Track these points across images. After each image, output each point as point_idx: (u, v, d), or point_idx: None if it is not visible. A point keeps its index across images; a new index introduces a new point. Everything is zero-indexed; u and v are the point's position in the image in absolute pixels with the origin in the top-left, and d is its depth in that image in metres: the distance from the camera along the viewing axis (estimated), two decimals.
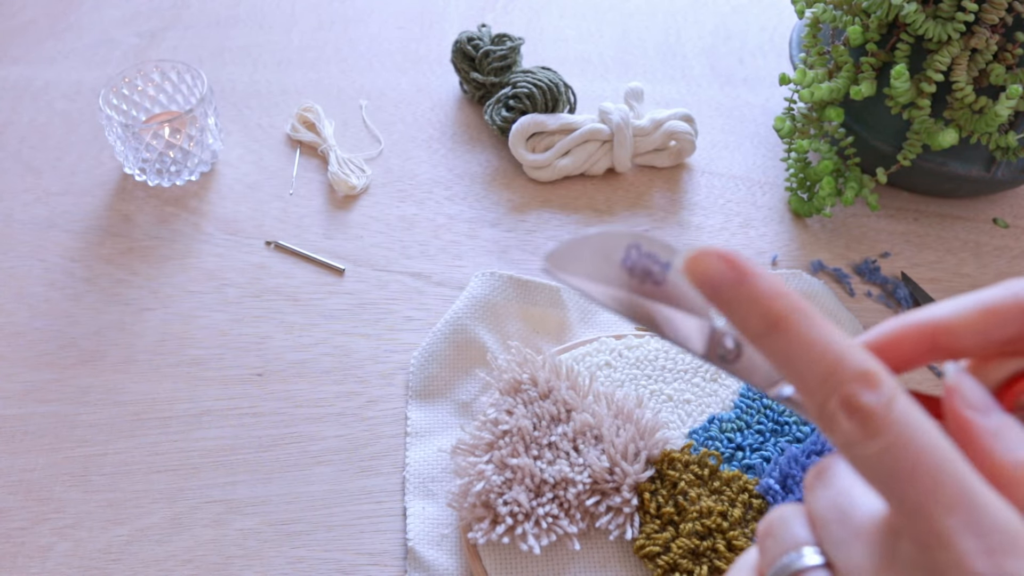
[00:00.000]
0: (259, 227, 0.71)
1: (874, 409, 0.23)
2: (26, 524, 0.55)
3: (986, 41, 0.60)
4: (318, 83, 0.83)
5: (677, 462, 0.53)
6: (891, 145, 0.67)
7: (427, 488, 0.56)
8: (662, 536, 0.50)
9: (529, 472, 0.51)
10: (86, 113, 0.80)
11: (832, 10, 0.65)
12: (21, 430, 0.59)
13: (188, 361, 0.63)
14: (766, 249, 0.70)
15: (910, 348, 0.28)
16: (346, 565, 0.54)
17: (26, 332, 0.64)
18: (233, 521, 0.55)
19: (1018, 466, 0.24)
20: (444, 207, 0.73)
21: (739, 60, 0.87)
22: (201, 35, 0.88)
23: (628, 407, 0.54)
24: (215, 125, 0.74)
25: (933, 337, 0.27)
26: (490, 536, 0.50)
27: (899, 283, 0.67)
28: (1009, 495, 0.24)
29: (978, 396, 0.26)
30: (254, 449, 0.58)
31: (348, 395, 0.61)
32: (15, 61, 0.86)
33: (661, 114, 0.74)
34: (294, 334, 0.64)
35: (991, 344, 0.27)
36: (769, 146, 0.78)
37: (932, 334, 0.27)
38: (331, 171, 0.74)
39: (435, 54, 0.87)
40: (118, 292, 0.67)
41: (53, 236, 0.70)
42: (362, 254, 0.69)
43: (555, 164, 0.73)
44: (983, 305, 0.27)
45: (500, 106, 0.75)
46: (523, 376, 0.55)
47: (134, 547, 0.54)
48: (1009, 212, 0.73)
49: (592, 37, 0.89)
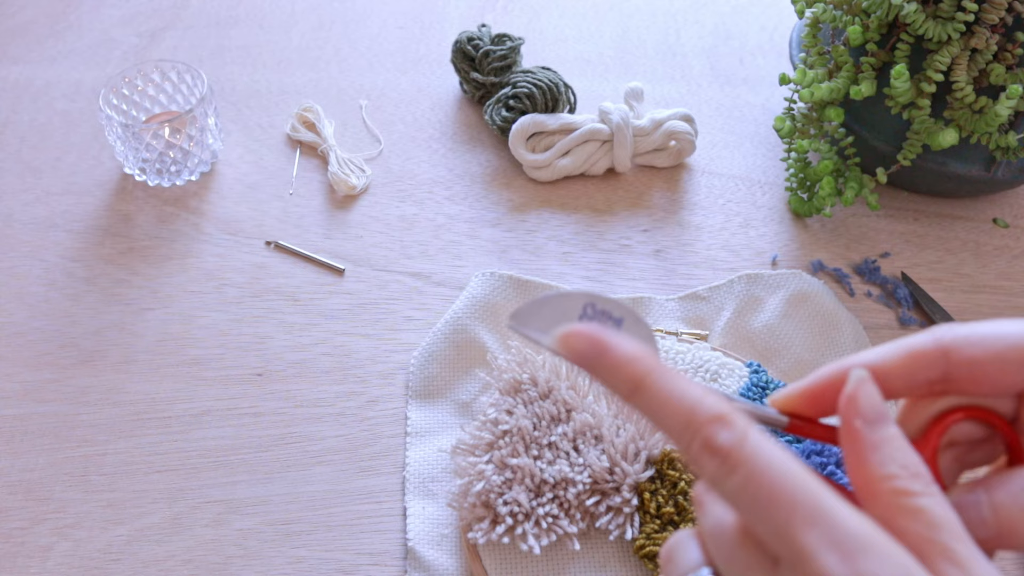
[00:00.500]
0: (259, 227, 0.71)
1: (729, 446, 0.25)
2: (26, 524, 0.55)
3: (986, 41, 0.60)
4: (318, 83, 0.83)
5: (677, 462, 0.53)
6: (891, 145, 0.67)
7: (427, 488, 0.56)
8: (662, 536, 0.50)
9: (529, 472, 0.51)
10: (86, 113, 0.80)
11: (832, 10, 0.65)
12: (21, 430, 0.59)
13: (188, 361, 0.63)
14: (766, 249, 0.70)
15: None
16: (346, 565, 0.54)
17: (26, 332, 0.64)
18: (233, 521, 0.55)
19: (883, 479, 0.26)
20: (444, 207, 0.73)
21: (739, 60, 0.87)
22: (201, 35, 0.88)
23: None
24: (215, 125, 0.74)
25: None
26: (490, 536, 0.50)
27: (899, 283, 0.67)
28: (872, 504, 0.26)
29: (870, 408, 0.28)
30: (254, 449, 0.58)
31: (348, 395, 0.61)
32: (15, 61, 0.86)
33: (661, 114, 0.74)
34: (294, 334, 0.64)
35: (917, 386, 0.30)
36: (769, 146, 0.78)
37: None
38: (331, 171, 0.74)
39: (435, 54, 0.87)
40: (118, 292, 0.67)
41: (53, 236, 0.70)
42: (362, 254, 0.69)
43: (555, 164, 0.73)
44: (908, 350, 0.30)
45: (500, 106, 0.75)
46: (523, 376, 0.55)
47: (134, 547, 0.54)
48: (1009, 212, 0.73)
49: (592, 37, 0.89)
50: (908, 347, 0.30)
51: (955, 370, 0.29)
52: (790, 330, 0.63)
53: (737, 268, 0.68)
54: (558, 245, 0.70)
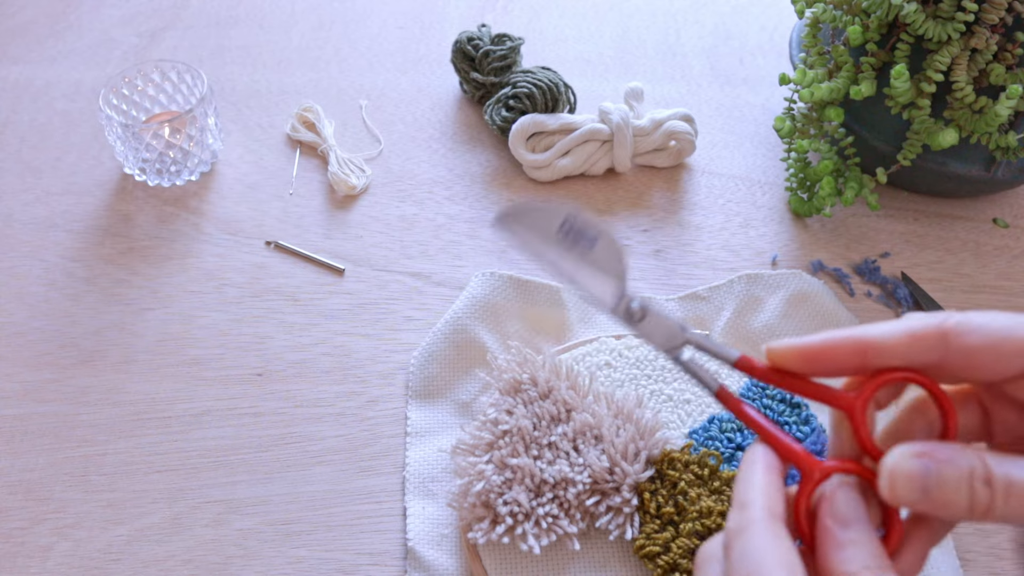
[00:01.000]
0: (259, 227, 0.71)
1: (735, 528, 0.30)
2: (26, 524, 0.55)
3: (986, 41, 0.60)
4: (318, 83, 0.83)
5: (677, 462, 0.53)
6: (891, 145, 0.67)
7: (427, 488, 0.56)
8: (662, 536, 0.50)
9: (529, 472, 0.51)
10: (86, 113, 0.80)
11: (832, 10, 0.65)
12: (21, 430, 0.59)
13: (188, 361, 0.63)
14: (766, 249, 0.70)
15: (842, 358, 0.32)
16: (346, 565, 0.54)
17: (26, 332, 0.64)
18: (233, 521, 0.55)
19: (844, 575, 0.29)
20: (444, 207, 0.73)
21: (739, 60, 0.87)
22: (201, 35, 0.88)
23: (628, 407, 0.54)
24: (215, 125, 0.74)
25: (863, 352, 0.31)
26: (490, 536, 0.50)
27: (899, 283, 0.67)
28: None
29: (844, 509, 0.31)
30: (254, 449, 0.58)
31: (348, 395, 0.61)
32: (15, 61, 0.86)
33: (661, 114, 0.74)
34: (294, 334, 0.64)
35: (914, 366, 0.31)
36: (769, 146, 0.78)
37: (863, 349, 0.31)
38: (331, 171, 0.74)
39: (435, 54, 0.87)
40: (118, 292, 0.67)
41: (53, 236, 0.70)
42: (362, 254, 0.69)
43: (555, 164, 0.73)
44: (911, 331, 0.31)
45: (500, 106, 0.75)
46: (523, 376, 0.55)
47: (134, 547, 0.54)
48: (1009, 212, 0.73)
49: (592, 37, 0.89)
50: (910, 328, 0.31)
51: (952, 356, 0.30)
52: (790, 330, 0.63)
53: (737, 268, 0.68)
54: None
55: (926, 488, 0.29)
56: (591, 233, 0.35)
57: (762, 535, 0.29)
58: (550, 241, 0.36)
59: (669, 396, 0.57)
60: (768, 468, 0.32)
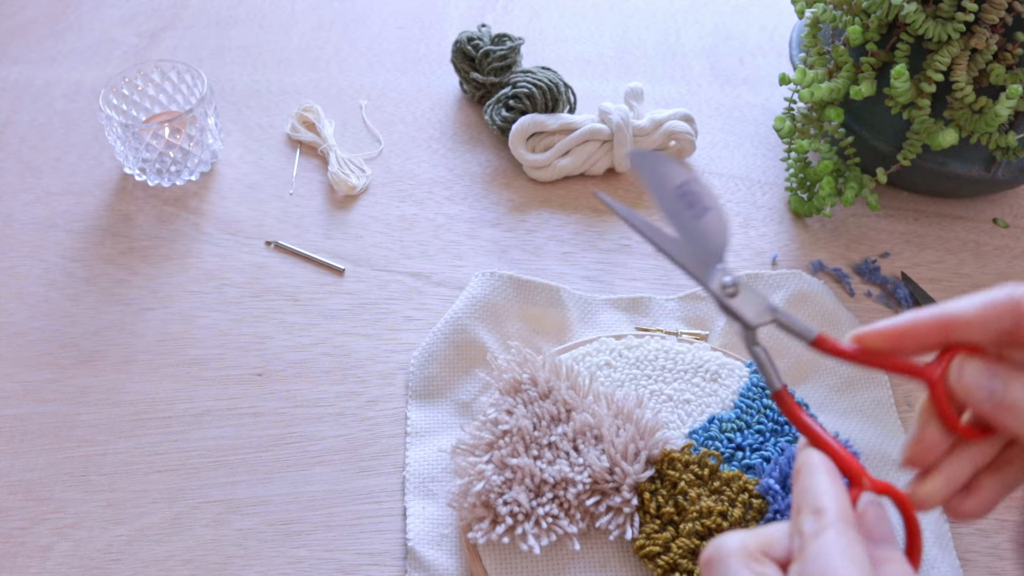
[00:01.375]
0: (259, 227, 0.71)
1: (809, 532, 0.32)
2: (26, 524, 0.55)
3: (986, 41, 0.60)
4: (318, 83, 0.83)
5: (677, 462, 0.53)
6: (891, 145, 0.67)
7: (427, 488, 0.56)
8: (662, 536, 0.50)
9: (529, 472, 0.51)
10: (86, 113, 0.80)
11: (832, 10, 0.65)
12: (21, 430, 0.59)
13: (188, 361, 0.63)
14: (766, 249, 0.70)
15: (927, 335, 0.34)
16: (346, 565, 0.54)
17: (26, 332, 0.64)
18: (233, 521, 0.55)
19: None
20: (444, 207, 0.73)
21: (739, 60, 0.87)
22: (201, 35, 0.88)
23: (628, 407, 0.54)
24: (215, 125, 0.74)
25: (947, 328, 0.34)
26: (490, 536, 0.50)
27: (899, 283, 0.67)
28: None
29: (878, 528, 0.33)
30: (254, 449, 0.58)
31: (348, 395, 0.61)
32: (15, 61, 0.86)
33: (661, 114, 0.74)
34: (294, 334, 0.64)
35: (991, 335, 0.34)
36: (769, 146, 0.78)
37: (946, 325, 0.34)
38: (331, 171, 0.74)
39: (435, 54, 0.87)
40: (118, 292, 0.67)
41: (53, 236, 0.70)
42: (362, 254, 0.69)
43: (555, 164, 0.73)
44: (985, 302, 0.34)
45: (500, 106, 0.75)
46: (523, 376, 0.55)
47: (134, 547, 0.54)
48: (1009, 212, 0.73)
49: (592, 37, 0.89)
50: (985, 299, 0.34)
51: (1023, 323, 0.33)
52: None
53: (737, 268, 0.68)
54: (558, 245, 0.70)
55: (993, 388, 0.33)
56: (705, 202, 0.37)
57: (839, 538, 0.31)
58: (667, 196, 0.38)
59: (669, 396, 0.57)
60: (833, 474, 0.34)
